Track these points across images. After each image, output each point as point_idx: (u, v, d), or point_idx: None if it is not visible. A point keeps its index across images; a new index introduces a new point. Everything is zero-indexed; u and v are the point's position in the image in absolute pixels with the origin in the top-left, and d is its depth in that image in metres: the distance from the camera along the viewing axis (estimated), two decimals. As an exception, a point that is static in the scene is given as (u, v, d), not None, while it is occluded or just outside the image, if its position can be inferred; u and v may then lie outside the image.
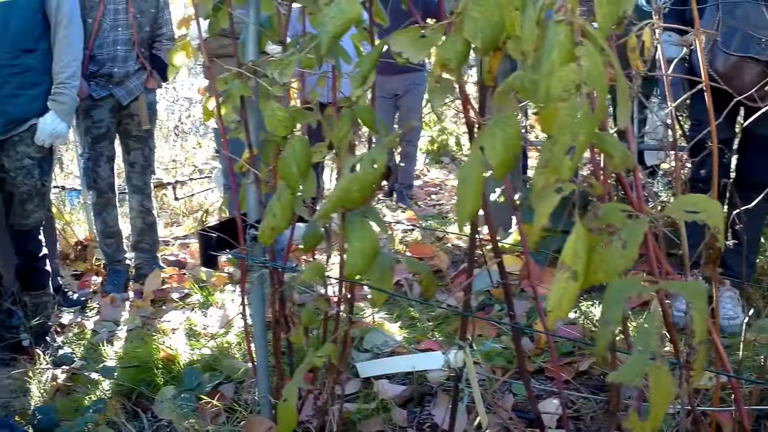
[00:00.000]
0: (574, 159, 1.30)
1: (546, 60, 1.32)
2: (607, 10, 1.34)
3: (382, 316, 4.63)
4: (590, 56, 1.29)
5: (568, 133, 1.28)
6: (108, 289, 6.23)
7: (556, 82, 1.29)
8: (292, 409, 2.50)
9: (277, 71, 2.30)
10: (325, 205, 2.03)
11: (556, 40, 1.31)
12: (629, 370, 1.29)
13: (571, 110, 1.28)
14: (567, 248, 1.39)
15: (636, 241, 1.37)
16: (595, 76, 1.28)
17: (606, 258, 1.39)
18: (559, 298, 1.38)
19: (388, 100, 8.54)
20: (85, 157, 6.14)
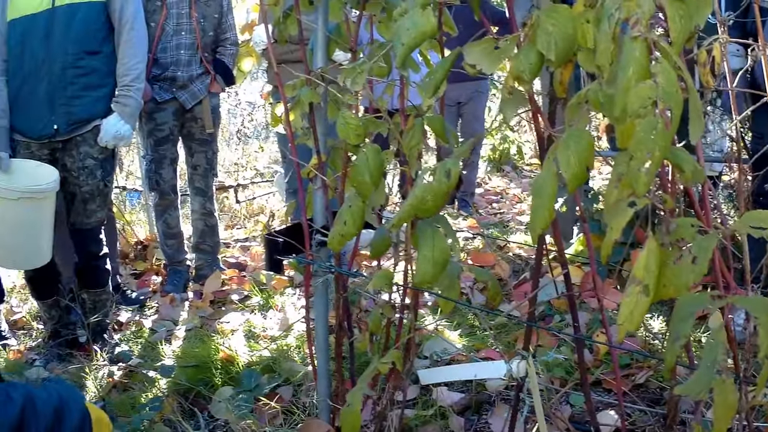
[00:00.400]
0: (650, 174, 1.31)
1: (622, 76, 1.33)
2: (680, 25, 1.35)
3: (443, 324, 4.64)
4: (665, 73, 1.30)
5: (644, 149, 1.29)
6: (168, 289, 6.30)
7: (633, 99, 1.30)
8: (357, 414, 2.52)
9: (349, 79, 2.32)
10: (399, 214, 2.05)
11: (632, 57, 1.32)
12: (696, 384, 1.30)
13: (647, 126, 1.29)
14: (639, 262, 1.39)
15: (706, 257, 1.38)
16: (670, 93, 1.29)
17: (676, 273, 1.40)
18: (630, 312, 1.39)
19: (451, 108, 8.54)
20: (148, 159, 6.20)
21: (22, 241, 4.40)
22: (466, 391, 3.66)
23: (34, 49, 4.55)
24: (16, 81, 4.61)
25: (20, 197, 4.24)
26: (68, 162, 4.67)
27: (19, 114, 4.62)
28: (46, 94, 4.55)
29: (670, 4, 1.36)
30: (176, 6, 5.99)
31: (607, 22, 1.40)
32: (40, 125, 4.59)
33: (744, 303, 1.36)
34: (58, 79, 4.54)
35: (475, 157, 9.15)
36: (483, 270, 2.53)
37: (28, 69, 4.57)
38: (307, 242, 2.88)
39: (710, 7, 1.49)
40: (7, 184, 4.30)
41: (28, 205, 4.30)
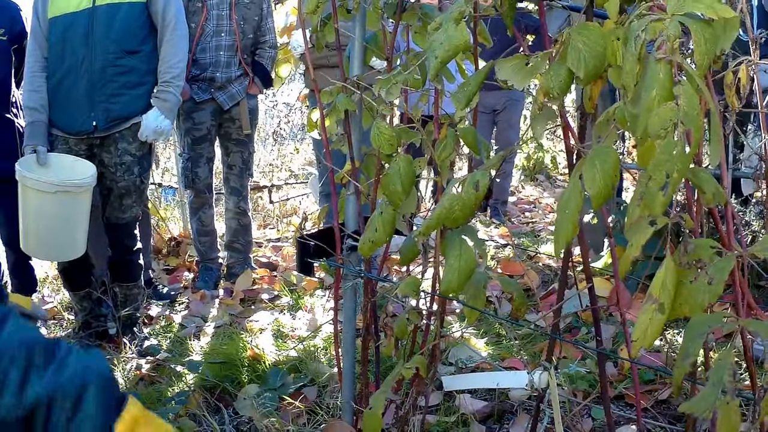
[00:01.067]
0: (667, 195, 1.34)
1: (645, 97, 1.36)
2: (705, 48, 1.38)
3: (469, 331, 4.65)
4: (688, 96, 1.32)
5: (663, 170, 1.32)
6: (199, 285, 6.35)
7: (655, 120, 1.32)
8: (379, 417, 2.54)
9: (384, 90, 2.36)
10: (427, 223, 2.08)
11: (656, 79, 1.35)
12: (700, 402, 1.32)
13: (667, 148, 1.32)
14: (656, 281, 1.42)
15: (722, 278, 1.40)
16: (691, 116, 1.31)
17: (692, 292, 1.42)
18: (644, 329, 1.42)
19: (486, 115, 8.56)
20: (185, 157, 6.26)
21: (58, 233, 4.46)
22: (489, 400, 3.68)
23: (74, 46, 4.61)
24: (56, 77, 4.68)
25: (58, 191, 4.29)
26: (106, 158, 4.73)
27: (59, 110, 4.69)
28: (85, 91, 4.62)
29: (697, 27, 1.38)
30: (217, 8, 6.05)
31: (633, 43, 1.42)
32: (79, 121, 4.65)
33: (755, 326, 1.38)
34: (98, 76, 4.60)
35: (508, 165, 9.15)
36: (509, 280, 2.54)
37: (68, 66, 4.64)
38: (339, 246, 2.92)
39: (737, 30, 1.51)
40: (45, 177, 4.36)
41: (66, 199, 4.35)
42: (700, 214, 2.10)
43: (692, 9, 1.41)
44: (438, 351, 2.74)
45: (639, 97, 1.40)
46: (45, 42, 4.69)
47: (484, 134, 8.38)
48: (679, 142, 1.31)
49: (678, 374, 1.39)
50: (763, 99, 2.57)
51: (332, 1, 2.75)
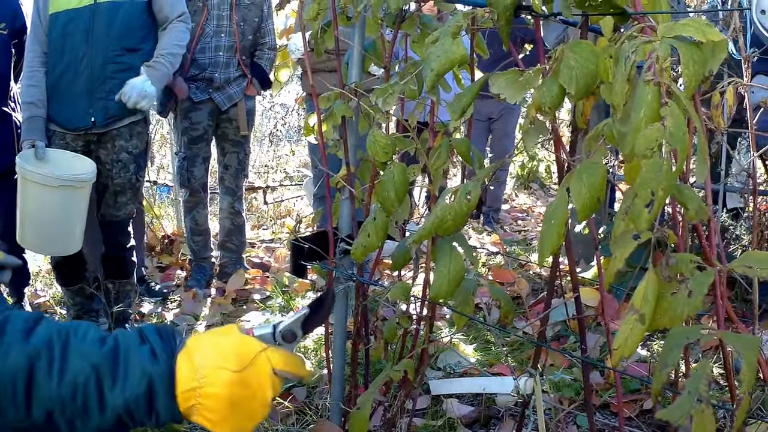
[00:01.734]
0: (653, 212, 1.39)
1: (634, 117, 1.40)
2: (693, 71, 1.42)
3: (458, 337, 4.69)
4: (674, 117, 1.36)
5: (648, 188, 1.36)
6: (191, 284, 6.38)
7: (642, 140, 1.37)
8: (366, 418, 2.57)
9: (381, 99, 2.40)
10: (420, 232, 2.11)
11: (644, 100, 1.39)
12: (676, 410, 1.36)
13: (653, 167, 1.36)
14: (637, 293, 1.46)
15: (702, 291, 1.44)
16: (677, 136, 1.35)
17: (673, 304, 1.47)
18: (625, 339, 1.46)
19: (482, 123, 8.59)
20: (181, 156, 6.29)
21: (56, 228, 4.49)
22: (475, 405, 3.72)
23: (75, 43, 4.64)
24: (55, 73, 4.71)
25: (61, 185, 4.33)
26: (102, 155, 4.77)
27: (57, 105, 4.72)
28: (85, 88, 4.65)
29: (685, 50, 1.42)
30: (217, 8, 6.08)
31: (624, 64, 1.47)
32: (78, 117, 4.68)
33: (731, 339, 1.42)
34: (97, 73, 4.63)
35: (503, 173, 9.19)
36: (498, 287, 2.59)
37: (68, 62, 4.66)
38: (332, 250, 2.95)
39: (725, 52, 1.55)
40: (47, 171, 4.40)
41: (66, 194, 4.39)
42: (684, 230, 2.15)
43: (682, 32, 1.45)
44: (426, 355, 2.78)
45: (627, 116, 1.44)
46: (45, 37, 4.71)
47: (479, 142, 8.44)
48: (665, 161, 1.35)
49: (656, 383, 1.43)
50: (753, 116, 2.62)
51: (333, 8, 2.79)
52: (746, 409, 1.41)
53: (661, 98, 1.39)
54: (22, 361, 1.50)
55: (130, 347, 1.59)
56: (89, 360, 1.55)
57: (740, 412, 1.41)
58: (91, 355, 1.56)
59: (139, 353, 1.59)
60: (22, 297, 5.52)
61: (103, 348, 1.58)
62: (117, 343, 1.60)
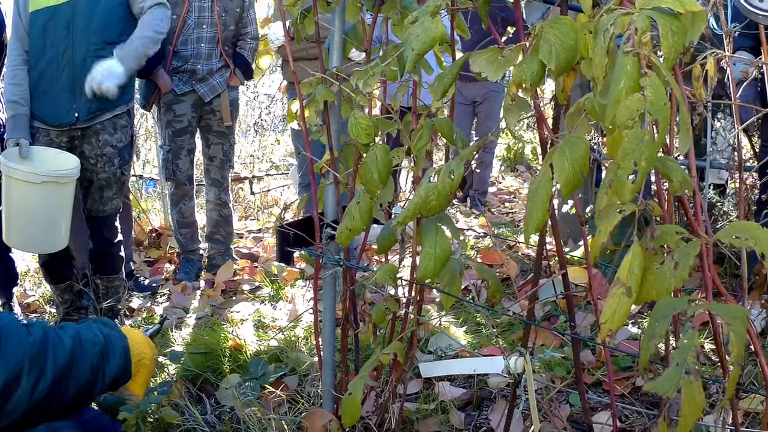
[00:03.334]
0: (636, 183, 1.38)
1: (614, 89, 1.40)
2: (672, 41, 1.41)
3: (449, 320, 4.69)
4: (654, 87, 1.36)
5: (630, 158, 1.36)
6: (180, 277, 6.38)
7: (622, 111, 1.36)
8: (357, 403, 2.57)
9: (361, 81, 2.39)
10: (404, 212, 2.11)
11: (623, 71, 1.39)
12: (664, 382, 1.35)
13: (634, 137, 1.35)
14: (623, 266, 1.46)
15: (687, 263, 1.44)
16: (658, 106, 1.35)
17: (659, 277, 1.46)
18: (612, 312, 1.46)
19: (467, 107, 8.58)
20: (166, 149, 6.27)
21: (42, 225, 4.48)
22: (468, 387, 3.72)
23: (55, 39, 4.63)
24: (37, 70, 4.70)
25: (44, 181, 4.32)
26: (87, 149, 4.76)
27: (40, 102, 4.71)
28: (67, 83, 4.64)
29: (664, 21, 1.42)
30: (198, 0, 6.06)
31: (603, 36, 1.46)
32: (61, 113, 4.67)
33: (718, 310, 1.41)
34: (79, 68, 4.62)
35: (489, 156, 9.18)
36: (485, 267, 2.58)
37: (50, 58, 4.65)
38: (318, 235, 2.95)
39: (705, 23, 1.55)
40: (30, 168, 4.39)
41: (51, 190, 4.38)
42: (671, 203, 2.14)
43: (660, 3, 1.44)
44: (416, 338, 2.78)
45: (608, 89, 1.44)
46: (26, 35, 4.70)
47: (464, 125, 8.43)
48: (646, 132, 1.34)
49: (644, 354, 1.43)
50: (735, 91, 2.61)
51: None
52: (736, 380, 1.40)
53: (641, 69, 1.38)
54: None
55: (111, 335, 2.46)
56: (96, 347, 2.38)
57: (730, 383, 1.41)
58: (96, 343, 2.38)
59: (114, 338, 2.50)
60: (10, 297, 5.50)
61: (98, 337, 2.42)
62: (105, 334, 2.44)
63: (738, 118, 2.62)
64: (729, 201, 5.33)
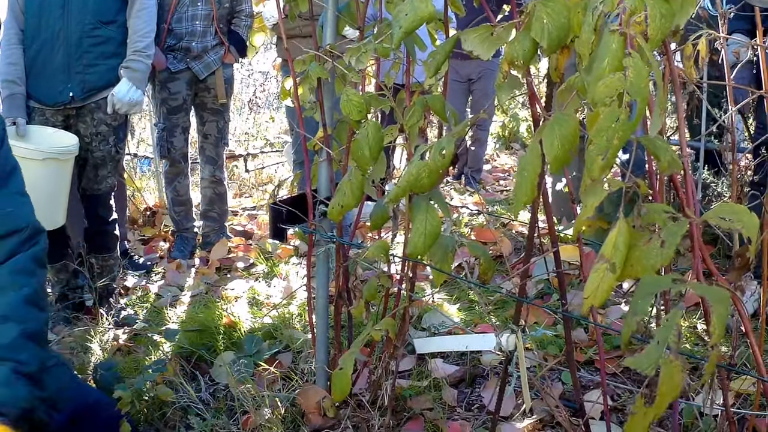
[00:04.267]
0: (607, 161, 1.39)
1: (597, 66, 1.40)
2: (659, 24, 1.42)
3: (442, 297, 4.70)
4: (636, 68, 1.37)
5: (604, 136, 1.37)
6: (175, 255, 6.39)
7: (602, 88, 1.37)
8: (348, 377, 2.58)
9: (354, 58, 2.40)
10: (396, 189, 2.12)
11: (608, 49, 1.39)
12: (644, 359, 1.36)
13: (610, 115, 1.36)
14: (608, 241, 1.46)
15: (674, 242, 1.44)
16: (638, 87, 1.36)
17: (644, 254, 1.46)
18: (595, 287, 1.46)
19: (462, 84, 8.56)
20: (160, 127, 6.26)
21: (41, 203, 4.47)
22: (461, 365, 3.73)
23: (51, 18, 4.64)
24: (33, 50, 4.71)
25: (46, 158, 4.33)
26: (81, 128, 4.77)
27: (36, 81, 4.73)
28: (62, 63, 4.66)
29: (653, 3, 1.42)
30: (193, -23, 6.04)
31: (591, 14, 1.47)
32: (56, 92, 4.69)
33: (701, 290, 1.42)
34: (74, 47, 4.63)
35: (483, 134, 9.16)
36: (477, 244, 2.59)
37: (45, 38, 4.67)
38: (311, 212, 2.96)
39: (694, 6, 1.55)
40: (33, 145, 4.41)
41: (52, 167, 4.39)
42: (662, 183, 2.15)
43: (651, -16, 1.45)
44: (408, 314, 2.79)
45: (592, 66, 1.44)
46: (21, 15, 4.71)
47: (459, 103, 8.41)
48: (623, 111, 1.35)
49: (626, 330, 1.43)
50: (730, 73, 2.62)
51: (306, -29, 2.79)
52: (715, 362, 1.41)
53: (626, 49, 1.39)
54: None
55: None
56: None
57: (709, 365, 1.42)
58: None
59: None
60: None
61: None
62: None
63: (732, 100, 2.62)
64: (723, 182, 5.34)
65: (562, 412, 3.06)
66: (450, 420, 3.27)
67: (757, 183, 4.14)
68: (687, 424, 3.03)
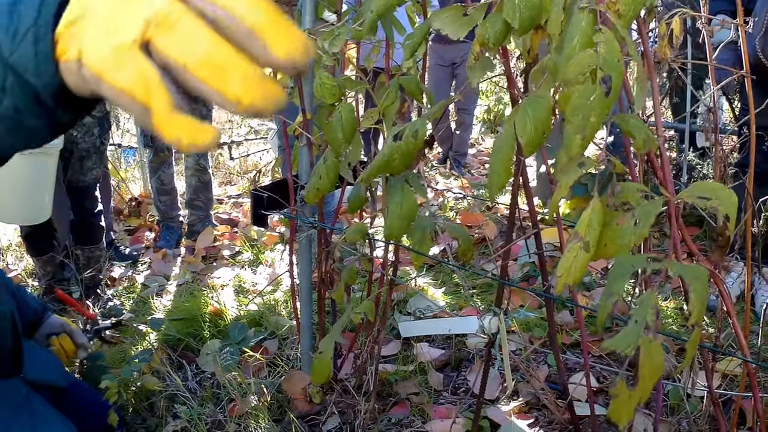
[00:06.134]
0: (585, 138, 1.38)
1: (567, 45, 1.40)
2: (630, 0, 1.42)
3: (427, 282, 4.71)
4: (608, 43, 1.36)
5: (579, 114, 1.36)
6: (160, 244, 6.39)
7: (574, 66, 1.36)
8: (328, 361, 2.58)
9: (328, 42, 2.39)
10: (368, 170, 2.11)
11: (578, 27, 1.38)
12: (622, 339, 1.35)
13: (584, 93, 1.35)
14: (582, 220, 1.46)
15: (648, 221, 1.43)
16: (611, 63, 1.35)
17: (618, 233, 1.46)
18: (569, 266, 1.46)
19: (446, 69, 8.57)
20: (144, 116, 6.24)
21: (27, 196, 4.46)
22: (446, 348, 3.74)
23: None
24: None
25: (31, 152, 4.30)
26: (66, 120, 4.74)
27: None
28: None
29: (624, -21, 1.42)
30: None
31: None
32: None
33: (678, 269, 1.40)
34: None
35: (468, 118, 9.17)
36: (456, 226, 2.58)
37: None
38: (292, 198, 2.95)
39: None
40: None
41: (37, 161, 4.35)
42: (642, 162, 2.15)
43: (622, -39, 1.44)
44: (390, 298, 2.79)
45: (562, 45, 1.44)
46: None
47: (443, 87, 8.41)
48: (597, 87, 1.34)
49: (601, 312, 1.43)
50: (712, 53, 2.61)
51: (283, -44, 2.78)
52: (696, 342, 1.41)
53: (596, 26, 1.38)
54: None
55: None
56: None
57: (690, 344, 1.41)
58: None
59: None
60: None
61: None
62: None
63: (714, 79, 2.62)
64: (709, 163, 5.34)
65: (548, 395, 3.07)
66: (436, 404, 3.28)
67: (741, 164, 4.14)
68: (673, 406, 3.04)
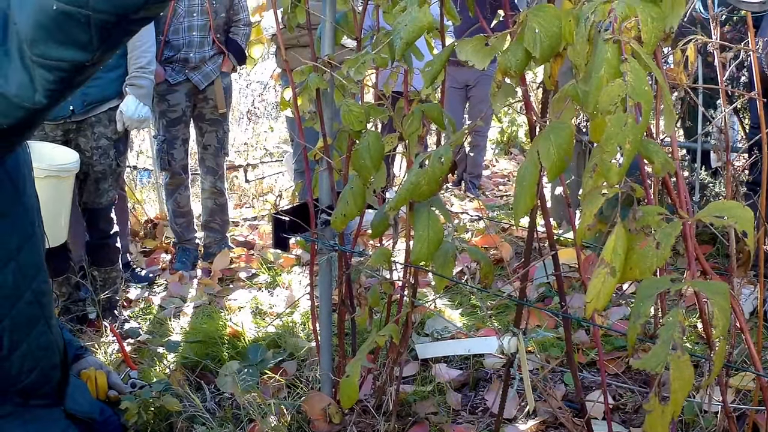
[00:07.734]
0: (623, 166, 1.42)
1: (594, 76, 1.44)
2: (651, 27, 1.45)
3: (444, 303, 4.73)
4: (635, 72, 1.40)
5: (615, 142, 1.40)
6: (177, 266, 6.41)
7: (604, 97, 1.40)
8: (355, 384, 2.60)
9: (353, 69, 2.43)
10: (396, 197, 2.15)
11: (604, 58, 1.42)
12: (652, 359, 1.39)
13: (617, 122, 1.39)
14: (607, 246, 1.50)
15: (669, 242, 1.47)
16: (639, 90, 1.39)
17: (642, 256, 1.50)
18: (597, 292, 1.50)
19: (459, 90, 8.59)
20: (160, 139, 6.27)
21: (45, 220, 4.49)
22: (464, 369, 3.76)
23: None
24: (32, 63, 4.72)
25: (47, 175, 4.32)
26: (82, 142, 4.78)
27: None
28: (62, 77, 4.66)
29: (643, 7, 1.46)
30: (187, -13, 6.06)
31: (584, 24, 1.50)
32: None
33: (699, 286, 1.45)
34: (74, 61, 4.64)
35: (482, 140, 9.19)
36: (477, 249, 2.62)
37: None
38: (313, 221, 2.99)
39: (683, 8, 1.59)
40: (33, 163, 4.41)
41: (52, 184, 4.38)
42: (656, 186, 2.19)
43: (640, -10, 1.48)
44: (410, 320, 2.82)
45: (589, 75, 1.48)
46: None
47: (456, 109, 8.44)
48: (629, 116, 1.38)
49: (631, 334, 1.46)
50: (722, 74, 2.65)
51: (303, -18, 2.82)
52: (723, 353, 1.44)
53: (621, 55, 1.42)
54: None
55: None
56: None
57: (717, 357, 1.44)
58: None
59: None
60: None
61: None
62: None
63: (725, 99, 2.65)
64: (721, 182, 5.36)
65: (565, 413, 3.09)
66: (454, 423, 3.30)
67: (752, 182, 4.17)
68: (688, 421, 3.06)
